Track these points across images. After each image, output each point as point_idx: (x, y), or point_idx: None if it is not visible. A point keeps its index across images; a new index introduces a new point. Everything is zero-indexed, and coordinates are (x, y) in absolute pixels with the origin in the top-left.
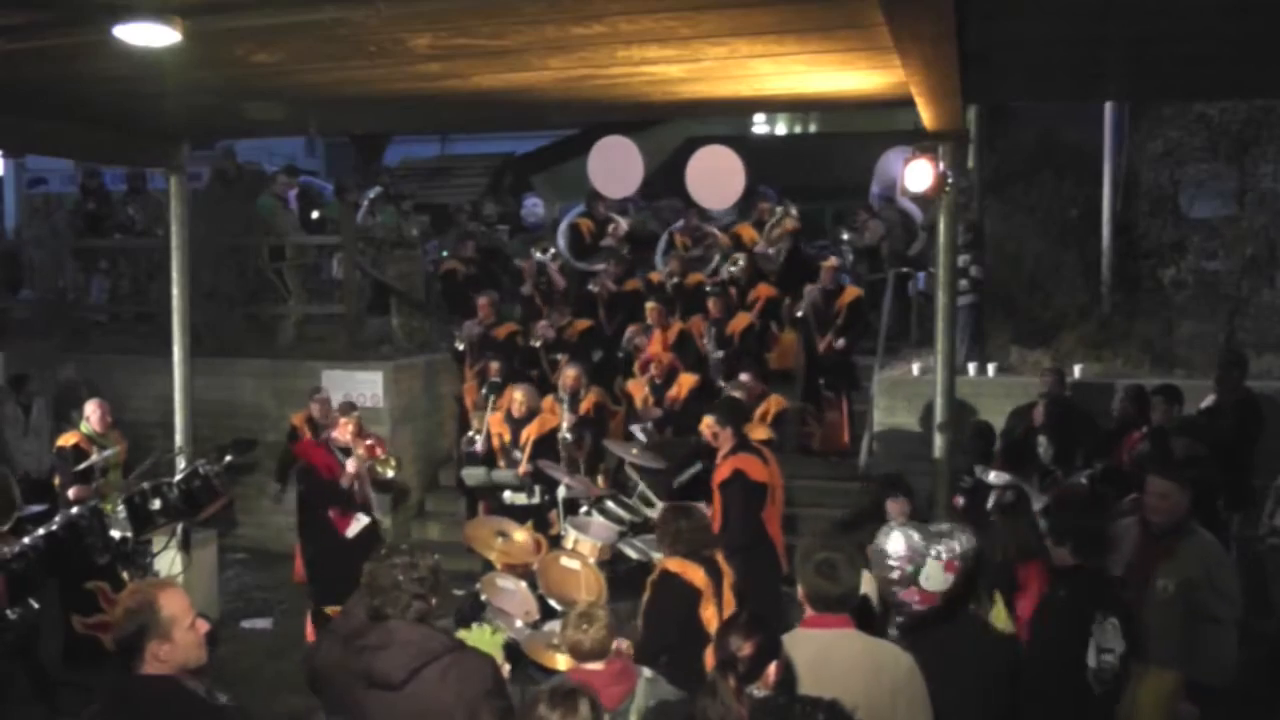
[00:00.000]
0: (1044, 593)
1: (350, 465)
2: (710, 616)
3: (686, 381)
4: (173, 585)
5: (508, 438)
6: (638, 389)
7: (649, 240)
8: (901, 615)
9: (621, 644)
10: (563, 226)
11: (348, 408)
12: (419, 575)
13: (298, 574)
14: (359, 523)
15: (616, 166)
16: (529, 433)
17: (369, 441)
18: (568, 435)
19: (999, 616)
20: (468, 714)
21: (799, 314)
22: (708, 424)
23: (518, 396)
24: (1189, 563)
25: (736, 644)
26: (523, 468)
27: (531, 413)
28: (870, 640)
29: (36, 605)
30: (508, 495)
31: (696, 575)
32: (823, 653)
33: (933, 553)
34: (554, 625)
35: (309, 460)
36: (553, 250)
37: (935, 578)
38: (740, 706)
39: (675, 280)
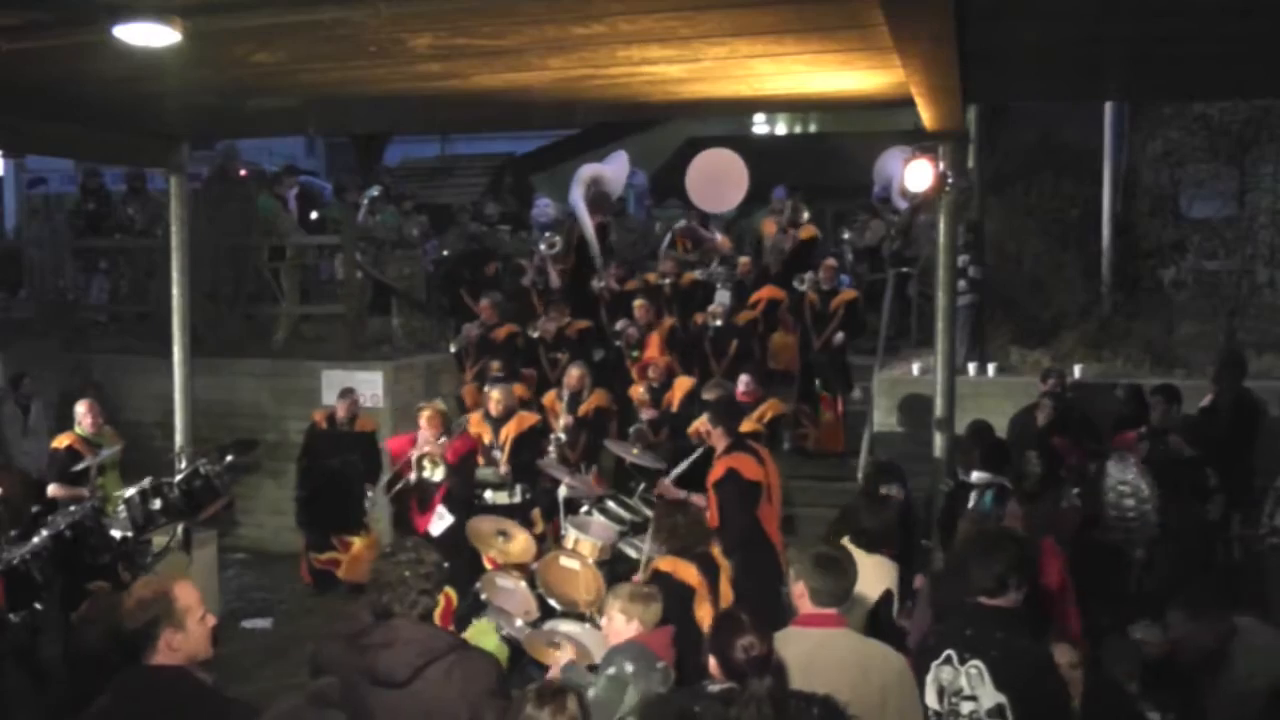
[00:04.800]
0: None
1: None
2: (705, 614)
3: (683, 384)
4: (184, 578)
5: (488, 437)
6: (636, 392)
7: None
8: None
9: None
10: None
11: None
12: (425, 571)
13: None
14: (442, 520)
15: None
16: (508, 431)
17: (441, 440)
18: (563, 436)
19: None
20: (471, 712)
21: (800, 286)
22: (700, 423)
23: (495, 395)
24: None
25: (752, 643)
26: (503, 467)
27: (509, 411)
28: (861, 640)
29: (40, 607)
30: (489, 494)
31: (689, 573)
32: (812, 651)
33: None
34: (554, 623)
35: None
36: (557, 244)
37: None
38: (768, 706)
39: (669, 280)
